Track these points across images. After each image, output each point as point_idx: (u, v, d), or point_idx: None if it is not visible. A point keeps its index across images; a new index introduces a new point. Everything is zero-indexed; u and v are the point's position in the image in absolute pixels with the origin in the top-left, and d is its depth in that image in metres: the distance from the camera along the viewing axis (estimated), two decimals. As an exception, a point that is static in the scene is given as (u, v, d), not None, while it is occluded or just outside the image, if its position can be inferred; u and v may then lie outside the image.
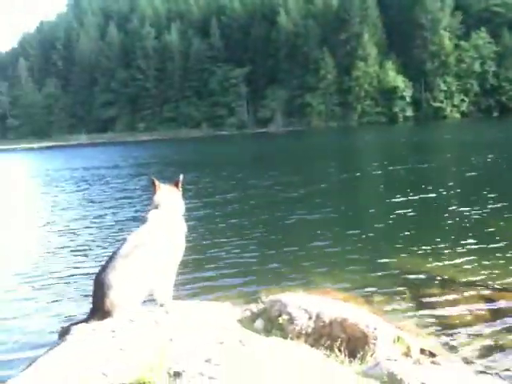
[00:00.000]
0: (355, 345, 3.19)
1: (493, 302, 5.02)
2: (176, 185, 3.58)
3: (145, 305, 3.25)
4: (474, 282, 5.65)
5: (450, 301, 5.17)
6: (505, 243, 7.04)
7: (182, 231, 3.43)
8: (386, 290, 5.62)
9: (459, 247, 7.06)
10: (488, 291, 5.33)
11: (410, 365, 3.02)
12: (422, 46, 73.90)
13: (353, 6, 76.72)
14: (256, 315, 3.64)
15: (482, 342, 4.18)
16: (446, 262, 6.43)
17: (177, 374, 2.35)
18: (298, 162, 23.25)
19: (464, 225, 8.54)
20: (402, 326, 4.12)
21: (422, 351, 3.40)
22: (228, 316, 3.57)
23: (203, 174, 20.22)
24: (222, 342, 2.78)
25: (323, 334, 3.28)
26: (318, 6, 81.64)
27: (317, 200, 12.31)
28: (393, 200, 11.25)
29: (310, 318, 3.36)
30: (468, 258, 6.50)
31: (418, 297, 5.34)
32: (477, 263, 6.28)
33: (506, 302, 4.99)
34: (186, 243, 3.42)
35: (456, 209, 9.85)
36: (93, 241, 9.45)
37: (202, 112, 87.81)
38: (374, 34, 76.61)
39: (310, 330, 3.32)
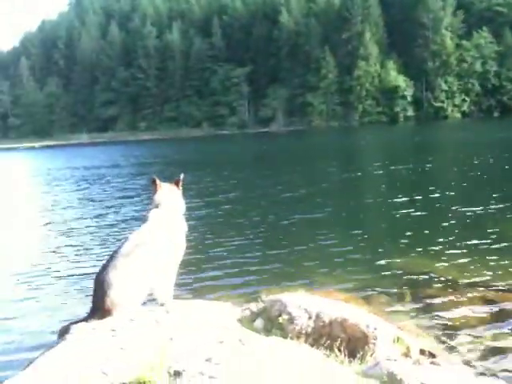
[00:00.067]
0: (355, 345, 3.19)
1: (494, 303, 5.00)
2: (176, 184, 3.58)
3: (145, 304, 3.25)
4: (476, 282, 5.63)
5: (451, 302, 5.16)
6: (507, 244, 7.01)
7: (183, 230, 3.43)
8: (386, 291, 5.62)
9: (461, 247, 7.05)
10: (489, 292, 5.31)
11: (409, 365, 3.02)
12: (423, 45, 73.85)
13: (354, 4, 76.70)
14: (256, 315, 3.64)
15: (482, 344, 4.17)
16: (447, 263, 6.42)
17: (177, 374, 2.36)
18: (300, 162, 23.23)
19: (465, 225, 8.53)
20: (402, 326, 4.12)
21: (422, 352, 3.39)
22: (228, 315, 3.57)
23: (204, 173, 20.23)
24: (222, 342, 2.79)
25: (323, 334, 3.29)
26: (319, 5, 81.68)
27: (318, 200, 12.31)
28: (394, 200, 11.24)
29: (310, 318, 3.36)
30: (470, 259, 6.48)
31: (419, 297, 5.34)
32: (479, 264, 6.26)
33: (507, 304, 4.96)
34: (187, 243, 3.43)
35: (458, 209, 9.83)
36: (93, 240, 9.46)
37: (203, 111, 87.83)
38: (375, 33, 76.58)
39: (309, 330, 3.32)
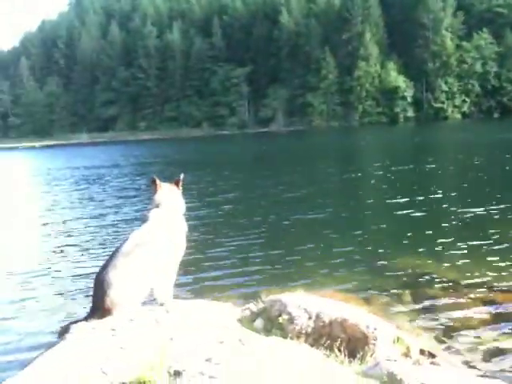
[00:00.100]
0: (355, 345, 3.19)
1: (495, 304, 4.99)
2: (177, 184, 3.59)
3: (145, 304, 3.25)
4: (476, 283, 5.62)
5: (452, 302, 5.15)
6: (508, 245, 6.98)
7: (183, 230, 3.44)
8: (386, 291, 5.61)
9: (461, 248, 7.04)
10: (490, 293, 5.30)
11: (409, 365, 3.02)
12: (423, 46, 73.85)
13: (355, 5, 76.68)
14: (256, 315, 3.64)
15: (482, 344, 4.17)
16: (447, 263, 6.41)
17: (177, 373, 2.36)
18: (300, 162, 23.22)
19: (466, 226, 8.51)
20: (401, 326, 4.12)
21: (422, 352, 3.39)
22: (228, 315, 3.58)
23: (204, 173, 20.22)
24: (222, 342, 2.79)
25: (323, 334, 3.29)
26: (320, 6, 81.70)
27: (318, 200, 12.31)
28: (394, 200, 11.24)
29: (310, 318, 3.36)
30: (470, 260, 6.47)
31: (419, 298, 5.33)
32: (479, 265, 6.24)
33: (508, 305, 4.96)
34: (187, 243, 3.43)
35: (458, 209, 9.82)
36: (93, 240, 9.45)
37: (203, 111, 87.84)
38: (375, 33, 76.56)
39: (309, 330, 3.32)
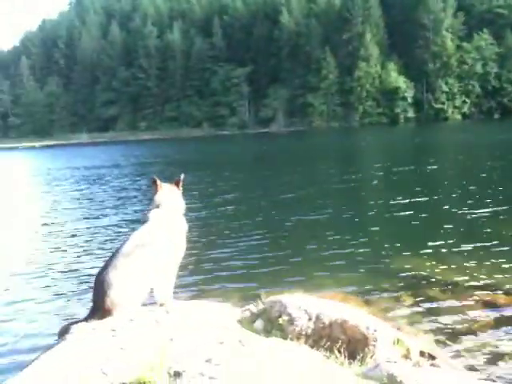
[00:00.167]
0: (355, 346, 3.19)
1: (495, 307, 4.98)
2: (177, 184, 3.59)
3: (145, 304, 3.25)
4: (477, 285, 5.61)
5: (452, 304, 5.15)
6: (509, 247, 6.98)
7: (183, 231, 3.43)
8: (386, 292, 5.62)
9: (462, 250, 7.03)
10: (491, 295, 5.29)
11: (409, 367, 3.02)
12: (424, 46, 73.82)
13: (355, 5, 76.68)
14: (256, 316, 3.64)
15: (483, 346, 4.16)
16: (449, 265, 6.39)
17: (177, 374, 2.36)
18: (300, 163, 23.23)
19: (467, 227, 8.51)
20: (402, 328, 4.12)
21: (422, 354, 3.39)
22: (228, 316, 3.57)
23: (204, 173, 20.23)
24: (222, 342, 2.79)
25: (323, 336, 3.28)
26: (320, 6, 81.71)
27: (318, 201, 12.31)
28: (395, 202, 11.24)
29: (310, 319, 3.36)
30: (471, 262, 6.45)
31: (419, 299, 5.33)
32: (480, 267, 6.23)
33: (509, 308, 4.95)
34: (187, 243, 3.42)
35: (459, 211, 9.82)
36: (93, 240, 9.46)
37: (204, 111, 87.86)
38: (376, 34, 76.55)
39: (309, 331, 3.32)
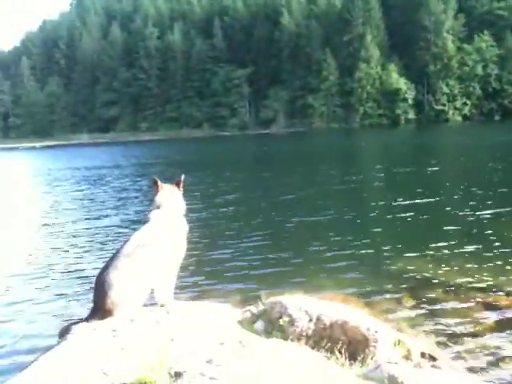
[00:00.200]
0: (356, 347, 3.19)
1: (496, 309, 4.98)
2: (177, 185, 3.59)
3: (145, 305, 3.25)
4: (479, 287, 5.61)
5: (453, 306, 5.14)
6: (510, 248, 6.97)
7: (184, 231, 3.43)
8: (387, 294, 5.61)
9: (463, 252, 7.02)
10: (492, 297, 5.29)
11: (410, 368, 3.01)
12: (424, 48, 73.81)
13: (356, 7, 76.68)
14: (256, 316, 3.64)
15: (484, 349, 4.16)
16: (450, 267, 6.39)
17: (178, 374, 2.36)
18: (300, 164, 23.23)
19: (468, 229, 8.50)
20: (402, 329, 4.12)
21: (423, 355, 3.38)
22: (228, 317, 3.57)
23: (205, 174, 20.23)
24: (222, 343, 2.79)
25: (324, 337, 3.28)
26: (320, 7, 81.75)
27: (319, 202, 12.31)
28: (395, 203, 11.23)
29: (311, 320, 3.36)
30: (472, 263, 6.45)
31: (420, 301, 5.33)
32: (481, 268, 6.23)
33: (510, 309, 4.95)
34: (188, 244, 3.42)
35: (460, 212, 9.82)
36: (94, 241, 9.46)
37: (204, 112, 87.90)
38: (376, 35, 76.52)
39: (310, 332, 3.31)
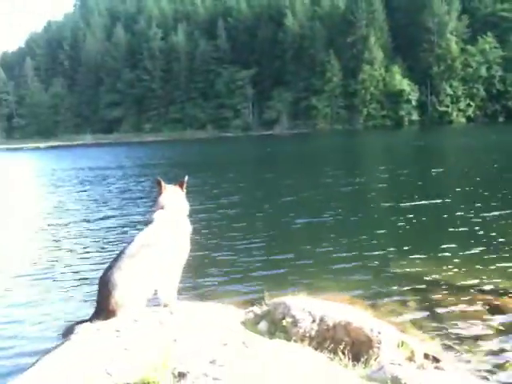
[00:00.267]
0: (359, 348, 3.19)
1: (502, 311, 4.95)
2: (181, 186, 3.60)
3: (149, 305, 3.25)
4: (483, 289, 5.57)
5: (457, 308, 5.12)
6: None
7: (187, 232, 3.44)
8: (391, 295, 5.60)
9: (468, 254, 6.99)
10: (496, 299, 5.25)
11: (413, 369, 3.01)
12: (428, 49, 73.67)
13: (359, 8, 76.65)
14: (260, 317, 3.64)
15: (488, 351, 4.13)
16: (454, 268, 6.36)
17: (181, 375, 2.36)
18: (304, 165, 23.23)
19: (473, 231, 8.44)
20: (406, 330, 4.11)
21: (426, 356, 3.38)
22: (232, 318, 3.58)
23: (208, 175, 20.24)
24: (225, 344, 2.79)
25: (327, 337, 3.28)
26: (324, 9, 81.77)
27: (322, 203, 12.29)
28: (399, 204, 11.20)
29: (314, 321, 3.36)
30: (477, 265, 6.42)
31: (423, 302, 5.31)
32: (486, 271, 6.19)
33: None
34: (191, 245, 3.43)
35: (464, 214, 9.78)
36: (98, 241, 9.48)
37: (208, 113, 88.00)
38: (380, 37, 76.44)
39: (313, 333, 3.32)
